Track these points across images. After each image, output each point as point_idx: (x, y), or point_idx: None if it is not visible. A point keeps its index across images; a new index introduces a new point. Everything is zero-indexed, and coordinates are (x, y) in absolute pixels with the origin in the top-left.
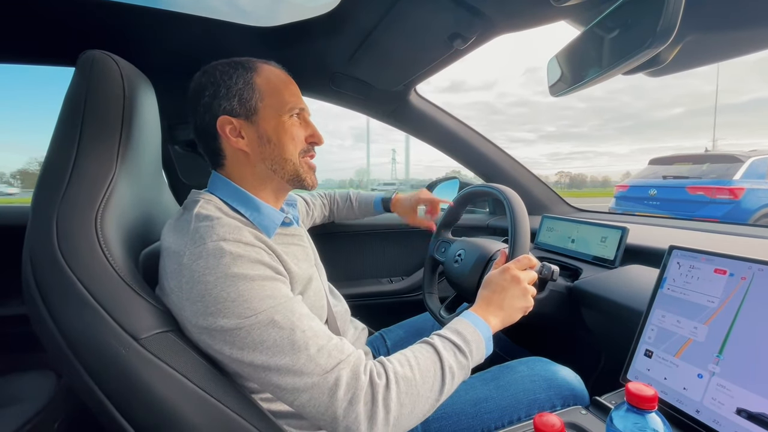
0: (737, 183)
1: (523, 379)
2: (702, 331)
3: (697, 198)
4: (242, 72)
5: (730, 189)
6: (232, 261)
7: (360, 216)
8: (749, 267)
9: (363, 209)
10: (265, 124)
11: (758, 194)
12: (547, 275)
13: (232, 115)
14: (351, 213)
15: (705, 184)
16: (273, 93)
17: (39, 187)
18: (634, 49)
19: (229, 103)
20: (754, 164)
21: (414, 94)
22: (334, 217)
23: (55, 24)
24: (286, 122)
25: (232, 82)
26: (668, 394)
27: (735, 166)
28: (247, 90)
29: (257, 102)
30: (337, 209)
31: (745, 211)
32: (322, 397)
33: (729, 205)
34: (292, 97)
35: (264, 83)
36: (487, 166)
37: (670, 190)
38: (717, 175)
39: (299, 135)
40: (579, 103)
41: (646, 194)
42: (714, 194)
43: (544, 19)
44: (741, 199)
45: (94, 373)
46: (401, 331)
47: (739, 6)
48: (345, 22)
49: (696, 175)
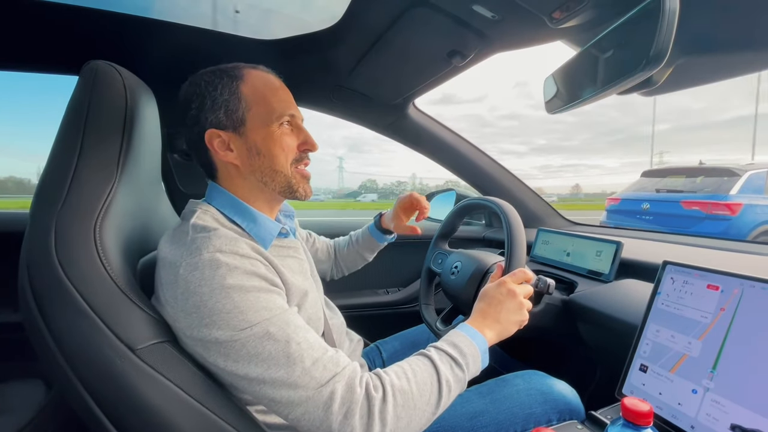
0: (734, 198)
1: (519, 392)
2: (696, 347)
3: (693, 213)
4: (228, 81)
5: (727, 204)
6: (227, 272)
7: (363, 250)
8: (740, 283)
9: (363, 241)
10: (253, 136)
11: (756, 210)
12: (543, 289)
13: (219, 127)
14: (352, 251)
15: (700, 199)
16: (260, 102)
17: (38, 194)
18: (628, 71)
19: (215, 115)
20: (751, 178)
21: (413, 108)
22: (340, 266)
23: (60, 33)
24: (275, 132)
25: (218, 92)
26: (663, 409)
27: (731, 180)
28: (233, 100)
29: (244, 112)
30: (340, 253)
31: (743, 228)
32: (317, 411)
33: (726, 221)
34: (280, 104)
35: (250, 92)
36: (484, 179)
37: (664, 204)
38: (712, 190)
39: (290, 144)
40: (569, 117)
41: (638, 208)
42: (710, 210)
43: (541, 39)
44: (738, 216)
45: (87, 383)
46: (397, 342)
47: (727, 32)
48: (347, 37)
49: (690, 188)
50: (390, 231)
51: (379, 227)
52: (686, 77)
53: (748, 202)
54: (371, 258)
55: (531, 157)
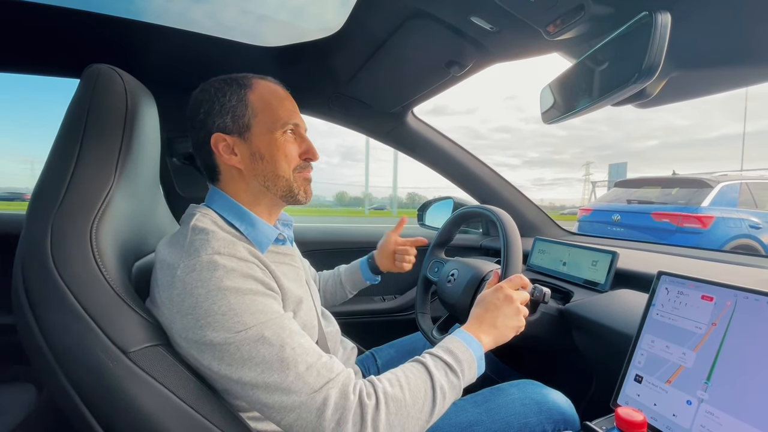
0: (706, 210)
1: (514, 402)
2: (691, 358)
3: (663, 226)
4: (236, 89)
5: (698, 217)
6: (224, 274)
7: (348, 285)
8: (734, 294)
9: (349, 274)
10: (257, 141)
11: (729, 224)
12: (539, 297)
13: (225, 132)
14: (337, 284)
15: (671, 211)
16: (266, 109)
17: (36, 196)
18: (622, 83)
19: (222, 120)
20: (723, 190)
21: (411, 116)
22: (325, 297)
23: (63, 37)
24: (278, 139)
25: (226, 99)
26: (658, 420)
27: (703, 192)
28: (240, 107)
29: (250, 119)
30: (324, 285)
31: (715, 242)
32: (310, 416)
33: (697, 234)
34: (285, 113)
35: (257, 100)
36: (482, 187)
37: (635, 216)
38: (686, 201)
39: (292, 151)
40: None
41: (609, 219)
42: (681, 222)
43: (538, 51)
44: (710, 229)
45: (78, 385)
46: (392, 350)
47: (720, 46)
48: (347, 45)
49: (664, 200)
50: (380, 272)
51: (372, 264)
52: (680, 90)
53: (720, 215)
54: (352, 294)
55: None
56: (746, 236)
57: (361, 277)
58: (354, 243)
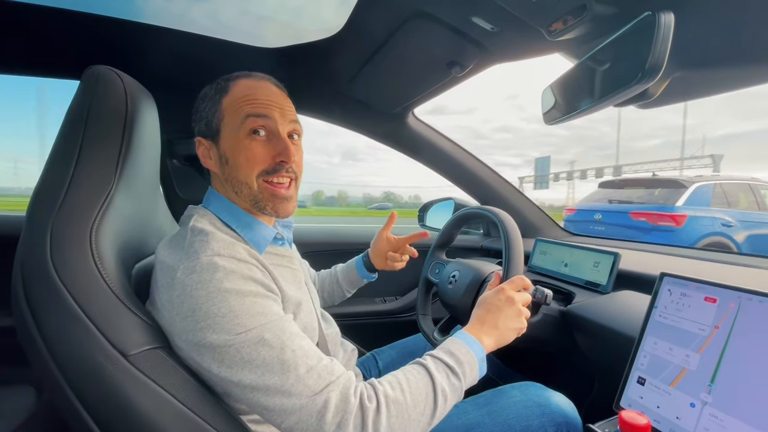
0: (679, 209)
1: (516, 404)
2: (694, 360)
3: (640, 224)
4: (213, 94)
5: (672, 215)
6: (224, 276)
7: (345, 284)
8: (738, 296)
9: (345, 273)
10: (224, 144)
11: (701, 222)
12: (541, 299)
13: (203, 136)
14: (334, 283)
15: (647, 210)
16: (233, 111)
17: (36, 197)
18: (625, 84)
19: (199, 125)
20: (697, 191)
21: (412, 117)
22: (323, 296)
23: (63, 38)
24: (242, 141)
25: (204, 104)
26: (661, 423)
27: (679, 192)
28: (212, 111)
29: (219, 123)
30: (321, 284)
31: (687, 240)
32: (310, 419)
33: (670, 232)
34: (249, 106)
35: (229, 103)
36: (483, 188)
37: (615, 215)
38: (664, 201)
39: (259, 154)
40: (562, 131)
41: (591, 218)
42: (655, 221)
43: (539, 51)
44: (683, 227)
45: (77, 388)
46: (393, 352)
47: (723, 46)
48: (347, 46)
49: (647, 200)
50: (375, 269)
51: (367, 263)
52: (682, 90)
53: (692, 214)
54: (350, 293)
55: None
56: (718, 234)
57: (357, 276)
58: (354, 243)
